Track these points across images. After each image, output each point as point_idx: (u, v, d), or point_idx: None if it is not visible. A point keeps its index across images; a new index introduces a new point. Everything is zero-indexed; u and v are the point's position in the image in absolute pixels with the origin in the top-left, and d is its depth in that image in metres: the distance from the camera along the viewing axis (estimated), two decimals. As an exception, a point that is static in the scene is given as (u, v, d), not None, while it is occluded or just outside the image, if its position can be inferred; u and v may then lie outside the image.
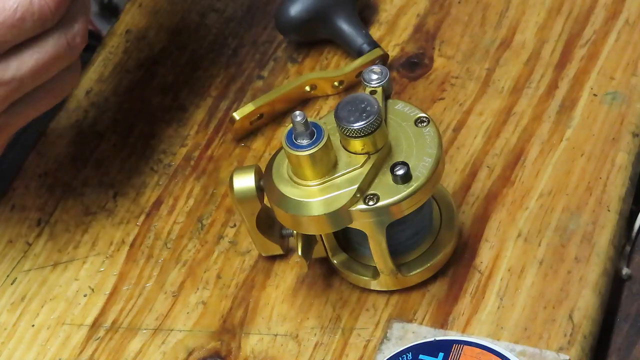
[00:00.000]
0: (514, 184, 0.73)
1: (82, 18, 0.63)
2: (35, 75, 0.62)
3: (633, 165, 0.73)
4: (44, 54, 0.62)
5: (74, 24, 0.63)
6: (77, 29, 0.63)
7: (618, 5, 0.81)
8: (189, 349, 0.69)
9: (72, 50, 0.63)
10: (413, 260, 0.68)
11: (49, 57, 0.62)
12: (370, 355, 0.67)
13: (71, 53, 0.63)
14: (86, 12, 0.64)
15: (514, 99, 0.77)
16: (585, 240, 0.69)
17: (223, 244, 0.74)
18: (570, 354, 0.64)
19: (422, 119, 0.65)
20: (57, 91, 0.65)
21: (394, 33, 0.83)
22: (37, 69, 0.62)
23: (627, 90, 0.76)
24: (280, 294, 0.71)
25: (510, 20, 0.82)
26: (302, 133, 0.61)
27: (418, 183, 0.62)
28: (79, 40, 0.63)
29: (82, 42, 0.64)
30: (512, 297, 0.67)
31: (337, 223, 0.63)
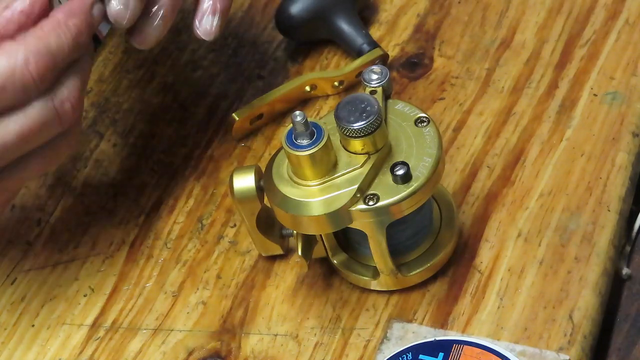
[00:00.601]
0: (514, 184, 0.73)
1: (75, 83, 0.61)
2: (19, 143, 0.59)
3: (633, 165, 0.73)
4: (28, 122, 0.59)
5: (63, 90, 0.61)
6: (66, 95, 0.61)
7: (618, 5, 0.81)
8: (189, 349, 0.69)
9: (62, 118, 0.61)
10: (413, 260, 0.68)
11: (35, 124, 0.59)
12: (370, 355, 0.67)
13: (60, 121, 0.61)
14: (81, 76, 0.62)
15: (514, 99, 0.77)
16: (585, 240, 0.69)
17: (223, 244, 0.74)
18: (570, 354, 0.64)
19: (422, 119, 0.65)
20: (49, 158, 0.63)
21: (394, 33, 0.83)
22: (21, 137, 0.59)
23: (627, 90, 0.76)
24: (280, 294, 0.71)
25: (510, 20, 0.82)
26: (302, 133, 0.61)
27: (418, 183, 0.62)
28: (69, 107, 0.61)
29: (73, 109, 0.61)
30: (512, 297, 0.67)
31: (337, 223, 0.63)
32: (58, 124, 0.61)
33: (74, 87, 0.61)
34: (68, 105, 0.60)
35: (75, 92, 0.61)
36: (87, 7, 0.61)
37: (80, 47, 0.61)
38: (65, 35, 0.59)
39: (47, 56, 0.58)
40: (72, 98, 0.61)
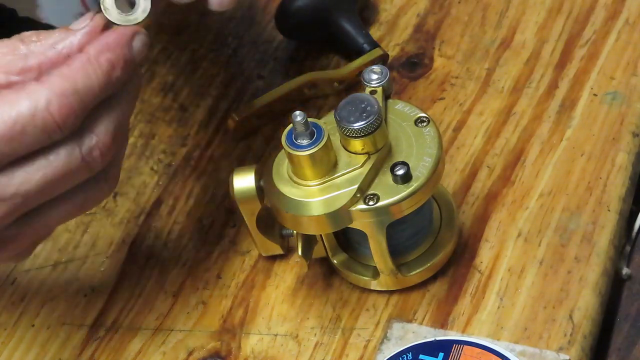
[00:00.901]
0: (514, 184, 0.73)
1: (106, 126, 0.56)
2: (43, 190, 0.55)
3: (633, 165, 0.73)
4: (52, 169, 0.54)
5: (91, 135, 0.55)
6: (94, 141, 0.55)
7: (618, 5, 0.81)
8: (189, 349, 0.69)
9: (90, 164, 0.55)
10: (413, 260, 0.68)
11: (59, 172, 0.55)
12: (370, 355, 0.67)
13: (88, 167, 0.55)
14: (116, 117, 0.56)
15: (514, 99, 0.77)
16: (585, 240, 0.69)
17: (223, 244, 0.74)
18: (570, 354, 0.64)
19: (422, 118, 0.65)
20: (79, 203, 0.57)
21: (394, 33, 0.83)
22: (45, 184, 0.55)
23: (627, 90, 0.76)
24: (280, 294, 0.71)
25: (510, 20, 0.82)
26: (302, 133, 0.61)
27: (418, 183, 0.62)
28: (98, 154, 0.55)
29: (103, 155, 0.56)
30: (512, 297, 0.67)
31: (337, 223, 0.63)
32: (85, 171, 0.56)
33: (104, 131, 0.56)
34: (97, 152, 0.55)
35: (106, 137, 0.56)
36: (124, 40, 0.56)
37: (115, 85, 0.55)
38: (96, 73, 0.54)
39: (73, 97, 0.54)
40: (101, 144, 0.55)
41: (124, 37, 0.56)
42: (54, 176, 0.55)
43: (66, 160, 0.55)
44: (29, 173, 0.54)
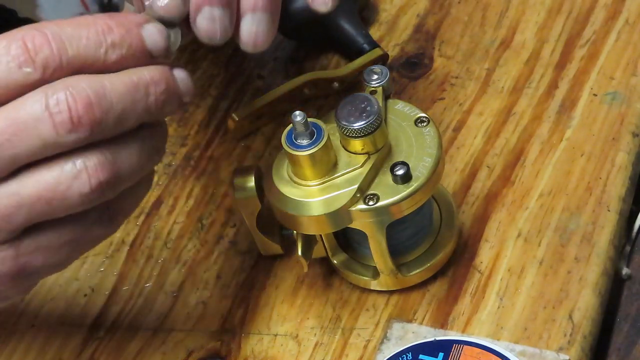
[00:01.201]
0: (514, 184, 0.73)
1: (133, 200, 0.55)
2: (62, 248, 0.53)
3: (633, 165, 0.73)
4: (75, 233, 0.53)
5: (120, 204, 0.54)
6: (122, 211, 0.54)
7: (618, 5, 0.81)
8: (189, 349, 0.69)
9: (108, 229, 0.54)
10: (413, 260, 0.68)
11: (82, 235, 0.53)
12: (370, 355, 0.67)
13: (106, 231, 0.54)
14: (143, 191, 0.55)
15: (514, 99, 0.77)
16: (585, 240, 0.69)
17: (223, 244, 0.74)
18: (570, 354, 0.64)
19: (422, 118, 0.65)
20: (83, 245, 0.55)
21: (394, 33, 0.83)
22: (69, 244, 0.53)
23: (627, 90, 0.76)
24: (280, 294, 0.71)
25: (510, 20, 0.82)
26: (302, 133, 0.61)
27: (418, 183, 0.62)
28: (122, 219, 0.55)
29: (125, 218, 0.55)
30: (512, 297, 0.67)
31: (337, 223, 0.63)
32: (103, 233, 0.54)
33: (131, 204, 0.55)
34: (121, 218, 0.54)
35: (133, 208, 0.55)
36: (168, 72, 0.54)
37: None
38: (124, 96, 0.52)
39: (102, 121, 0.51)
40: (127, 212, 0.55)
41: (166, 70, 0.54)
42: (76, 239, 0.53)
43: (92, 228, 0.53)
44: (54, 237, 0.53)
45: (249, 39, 0.58)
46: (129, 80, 0.52)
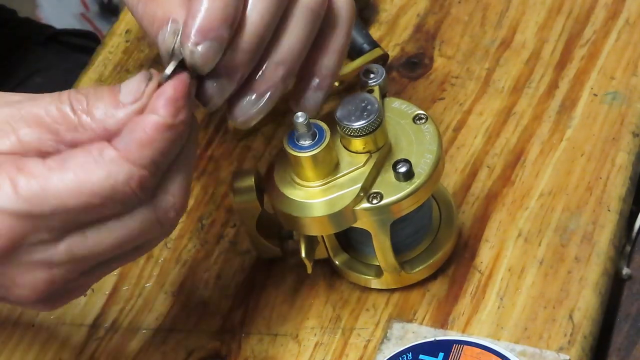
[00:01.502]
0: (514, 184, 0.73)
1: (179, 185, 0.55)
2: (114, 249, 0.54)
3: (633, 165, 0.73)
4: (127, 231, 0.54)
5: (167, 196, 0.54)
6: (171, 202, 0.55)
7: (618, 5, 0.81)
8: (189, 349, 0.69)
9: (164, 225, 0.55)
10: (413, 258, 0.68)
11: (133, 233, 0.54)
12: (370, 355, 0.67)
13: (162, 227, 0.55)
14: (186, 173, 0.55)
15: (514, 99, 0.77)
16: (585, 240, 0.69)
17: (223, 244, 0.74)
18: (570, 354, 0.64)
19: (420, 115, 0.65)
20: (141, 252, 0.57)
21: (394, 33, 0.83)
22: (118, 245, 0.54)
23: (627, 90, 0.76)
24: (280, 294, 0.71)
25: (510, 20, 0.82)
26: (304, 134, 0.61)
27: (421, 180, 0.62)
28: (173, 214, 0.55)
29: (177, 214, 0.55)
30: (512, 297, 0.67)
31: (341, 223, 0.63)
32: (158, 231, 0.55)
33: (179, 190, 0.55)
34: (172, 213, 0.55)
35: (181, 195, 0.55)
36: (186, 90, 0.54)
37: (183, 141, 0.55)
38: (171, 136, 0.53)
39: (152, 167, 0.53)
40: (176, 204, 0.55)
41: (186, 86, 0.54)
42: (127, 237, 0.54)
43: (141, 223, 0.54)
44: (103, 235, 0.54)
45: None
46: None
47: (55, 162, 0.52)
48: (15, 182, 0.51)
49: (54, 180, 0.51)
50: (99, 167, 0.52)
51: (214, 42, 0.55)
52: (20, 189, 0.51)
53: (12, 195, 0.51)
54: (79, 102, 0.53)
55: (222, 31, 0.55)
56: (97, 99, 0.54)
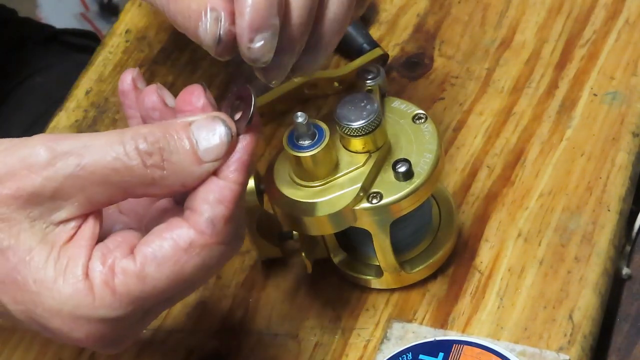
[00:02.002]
0: (514, 184, 0.73)
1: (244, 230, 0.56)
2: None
3: (633, 165, 0.73)
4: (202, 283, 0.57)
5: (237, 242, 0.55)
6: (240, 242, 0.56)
7: (618, 5, 0.81)
8: (189, 349, 0.69)
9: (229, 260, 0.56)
10: (413, 258, 0.68)
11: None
12: (370, 355, 0.67)
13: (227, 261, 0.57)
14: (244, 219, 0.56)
15: (514, 99, 0.77)
16: (585, 240, 0.69)
17: (223, 244, 0.74)
18: (570, 354, 0.64)
19: (419, 115, 0.65)
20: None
21: (394, 33, 0.83)
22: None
23: (627, 90, 0.76)
24: (280, 294, 0.71)
25: (510, 20, 0.82)
26: (303, 134, 0.61)
27: (421, 179, 0.63)
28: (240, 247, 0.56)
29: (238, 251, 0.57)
30: (512, 297, 0.67)
31: (341, 223, 0.63)
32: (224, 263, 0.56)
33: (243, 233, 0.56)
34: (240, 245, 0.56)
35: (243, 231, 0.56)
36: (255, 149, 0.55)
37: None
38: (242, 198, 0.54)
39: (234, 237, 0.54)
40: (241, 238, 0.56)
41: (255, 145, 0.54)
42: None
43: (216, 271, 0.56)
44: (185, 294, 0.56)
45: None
46: None
47: (146, 258, 0.51)
48: (114, 289, 0.51)
49: (150, 280, 0.51)
50: (191, 257, 0.52)
51: (266, 33, 0.55)
52: (120, 295, 0.51)
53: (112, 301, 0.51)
54: (150, 156, 0.51)
55: (272, 20, 0.55)
56: (172, 152, 0.52)
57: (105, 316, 0.51)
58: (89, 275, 0.51)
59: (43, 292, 0.51)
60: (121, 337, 0.54)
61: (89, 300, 0.50)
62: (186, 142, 0.52)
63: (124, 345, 0.55)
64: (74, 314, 0.51)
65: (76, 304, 0.51)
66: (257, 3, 0.54)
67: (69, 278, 0.51)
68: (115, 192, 0.52)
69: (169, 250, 0.52)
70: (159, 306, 0.55)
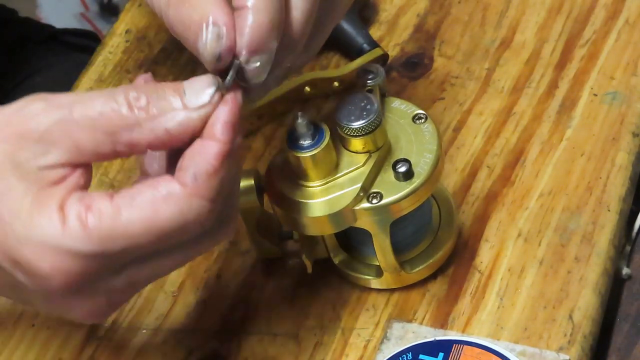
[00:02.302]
0: (514, 184, 0.73)
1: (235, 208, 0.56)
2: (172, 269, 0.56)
3: (633, 165, 0.73)
4: (188, 256, 0.55)
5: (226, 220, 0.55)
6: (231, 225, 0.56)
7: (618, 5, 0.81)
8: (189, 349, 0.69)
9: (222, 241, 0.56)
10: (413, 258, 0.68)
11: (193, 256, 0.56)
12: (370, 355, 0.67)
13: (219, 242, 0.56)
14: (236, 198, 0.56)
15: (514, 99, 0.77)
16: (585, 240, 0.69)
17: (223, 244, 0.74)
18: (570, 354, 0.64)
19: (419, 115, 0.65)
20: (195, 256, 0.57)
21: (394, 33, 0.83)
22: (176, 267, 0.56)
23: (627, 90, 0.76)
24: (280, 294, 0.71)
25: (510, 20, 0.82)
26: (304, 134, 0.61)
27: (421, 179, 0.63)
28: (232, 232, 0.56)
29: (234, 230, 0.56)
30: (512, 297, 0.67)
31: (341, 223, 0.63)
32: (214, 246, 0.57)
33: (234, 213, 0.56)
34: (232, 232, 0.56)
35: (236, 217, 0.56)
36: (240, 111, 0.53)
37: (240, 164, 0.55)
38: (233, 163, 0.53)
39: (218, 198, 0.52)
40: (234, 223, 0.56)
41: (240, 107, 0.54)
42: (186, 260, 0.55)
43: (201, 248, 0.55)
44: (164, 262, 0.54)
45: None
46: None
47: (124, 199, 0.51)
48: (85, 224, 0.50)
49: (123, 220, 0.51)
50: (168, 206, 0.51)
51: (264, 55, 0.54)
52: (90, 231, 0.50)
53: (83, 236, 0.50)
54: (137, 100, 0.52)
55: (271, 44, 0.54)
56: (159, 97, 0.52)
57: (73, 248, 0.50)
58: (63, 209, 0.51)
59: (15, 222, 0.51)
60: (91, 286, 0.53)
61: (59, 229, 0.50)
62: (174, 93, 0.53)
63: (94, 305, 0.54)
64: (43, 241, 0.50)
65: (46, 232, 0.50)
66: (258, 24, 0.53)
67: (43, 210, 0.51)
68: (101, 137, 0.52)
69: (147, 194, 0.51)
70: (134, 264, 0.53)
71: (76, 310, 0.54)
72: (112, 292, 0.54)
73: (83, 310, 0.54)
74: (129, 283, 0.54)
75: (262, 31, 0.53)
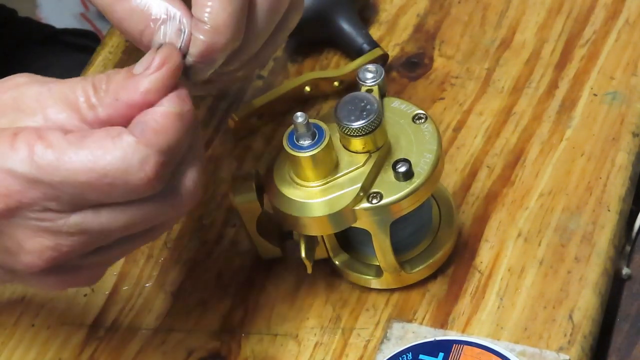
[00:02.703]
0: (514, 184, 0.73)
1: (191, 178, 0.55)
2: (127, 229, 0.55)
3: (633, 165, 0.73)
4: (141, 214, 0.54)
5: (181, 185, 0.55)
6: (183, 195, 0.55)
7: (618, 5, 0.81)
8: (189, 349, 0.69)
9: (177, 210, 0.55)
10: (413, 258, 0.68)
11: (147, 217, 0.55)
12: (370, 355, 0.67)
13: (175, 212, 0.56)
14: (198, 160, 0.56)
15: (514, 99, 0.77)
16: (585, 240, 0.69)
17: (223, 244, 0.74)
18: (570, 354, 0.64)
19: (419, 115, 0.65)
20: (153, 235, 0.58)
21: (394, 33, 0.83)
22: (130, 225, 0.54)
23: (627, 90, 0.76)
24: (280, 294, 0.71)
25: (510, 20, 0.82)
26: (303, 134, 0.61)
27: (421, 179, 0.63)
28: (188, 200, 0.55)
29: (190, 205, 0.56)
30: (512, 297, 0.67)
31: (341, 223, 0.63)
32: (172, 218, 0.56)
33: (192, 182, 0.55)
34: (187, 204, 0.55)
35: (194, 187, 0.55)
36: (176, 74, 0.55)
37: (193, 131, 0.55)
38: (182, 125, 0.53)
39: (165, 154, 0.53)
40: (189, 196, 0.55)
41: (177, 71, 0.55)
42: (140, 220, 0.55)
43: (155, 209, 0.54)
44: (116, 215, 0.54)
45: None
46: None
47: (75, 137, 0.52)
48: (32, 149, 0.52)
49: (69, 153, 0.52)
50: (115, 147, 0.52)
51: (214, 62, 0.56)
52: (36, 156, 0.52)
53: (27, 159, 0.52)
54: (100, 81, 0.55)
55: (223, 55, 0.56)
56: (115, 72, 0.55)
57: (13, 168, 0.52)
58: (17, 134, 0.53)
59: None
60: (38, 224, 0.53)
61: (6, 149, 0.52)
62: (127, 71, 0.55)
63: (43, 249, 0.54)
64: None
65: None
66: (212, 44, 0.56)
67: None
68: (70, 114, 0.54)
69: (98, 135, 0.53)
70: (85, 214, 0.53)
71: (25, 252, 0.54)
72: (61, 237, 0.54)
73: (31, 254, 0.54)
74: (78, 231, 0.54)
75: (217, 45, 0.56)
